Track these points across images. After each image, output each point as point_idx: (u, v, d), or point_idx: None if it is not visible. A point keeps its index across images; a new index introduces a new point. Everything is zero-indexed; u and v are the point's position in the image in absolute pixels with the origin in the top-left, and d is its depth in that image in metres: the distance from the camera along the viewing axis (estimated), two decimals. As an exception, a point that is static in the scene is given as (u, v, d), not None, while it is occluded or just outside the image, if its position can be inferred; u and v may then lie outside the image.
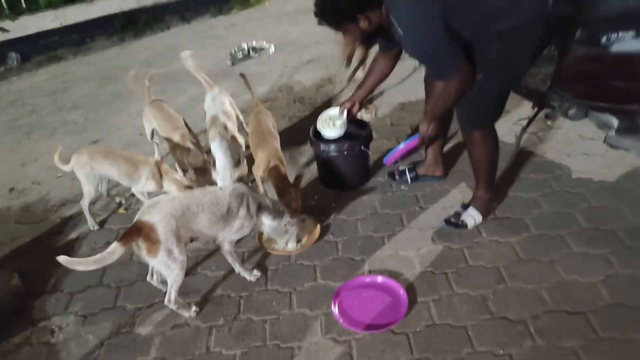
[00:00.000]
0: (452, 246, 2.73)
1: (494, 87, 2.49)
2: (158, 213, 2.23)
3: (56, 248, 3.09)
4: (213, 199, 2.42)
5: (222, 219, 2.43)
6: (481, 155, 2.75)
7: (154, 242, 2.20)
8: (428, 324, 2.32)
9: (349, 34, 2.45)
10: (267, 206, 2.59)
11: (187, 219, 2.31)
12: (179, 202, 2.32)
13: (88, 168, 3.07)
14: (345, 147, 3.07)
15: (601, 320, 2.22)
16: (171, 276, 2.32)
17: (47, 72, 6.27)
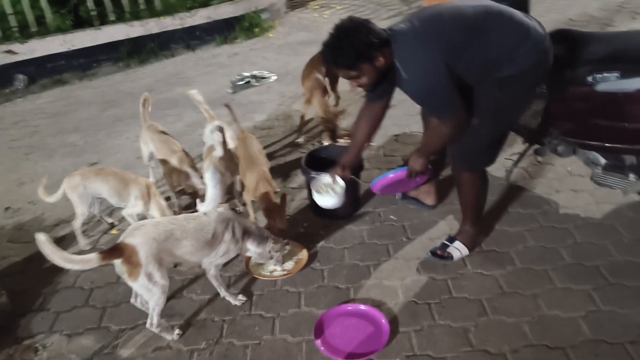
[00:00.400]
0: (437, 277, 2.75)
1: (489, 132, 2.54)
2: (141, 236, 2.27)
3: (46, 268, 3.10)
4: (198, 225, 2.45)
5: (207, 244, 2.45)
6: (469, 194, 2.80)
7: (135, 265, 2.22)
8: (408, 354, 2.32)
9: (364, 75, 2.32)
10: (252, 231, 2.63)
11: (171, 245, 2.34)
12: (163, 227, 2.35)
13: (81, 189, 3.13)
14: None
15: (580, 356, 2.23)
16: (152, 300, 2.34)
17: (52, 95, 6.39)
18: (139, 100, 3.75)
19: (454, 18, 2.33)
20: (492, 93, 2.39)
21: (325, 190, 2.90)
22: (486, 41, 2.30)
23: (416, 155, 2.63)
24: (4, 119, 5.70)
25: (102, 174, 3.16)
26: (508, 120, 2.58)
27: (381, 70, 2.32)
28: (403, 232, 3.13)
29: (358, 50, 2.22)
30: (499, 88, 2.36)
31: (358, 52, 2.22)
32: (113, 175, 3.17)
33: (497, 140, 2.65)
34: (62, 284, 2.96)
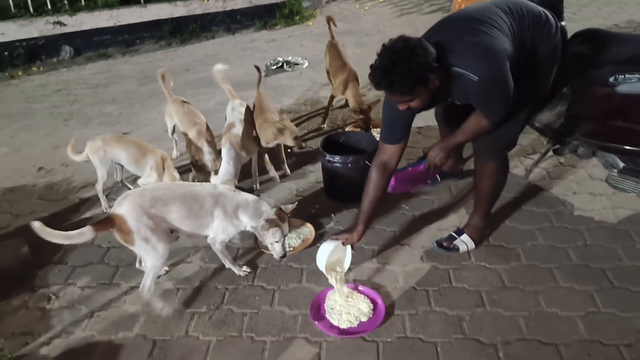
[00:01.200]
0: (439, 266, 2.77)
1: (524, 122, 2.59)
2: (127, 205, 2.35)
3: (70, 225, 3.29)
4: (188, 192, 2.50)
5: (195, 214, 2.49)
6: (489, 187, 2.79)
7: (127, 232, 2.33)
8: (400, 335, 2.36)
9: (418, 99, 2.20)
10: (247, 204, 2.60)
11: (159, 209, 2.40)
12: (149, 193, 2.43)
13: (102, 152, 3.29)
14: (350, 159, 3.17)
15: (572, 353, 2.22)
16: (149, 261, 2.43)
17: (95, 67, 6.64)
18: (171, 77, 3.90)
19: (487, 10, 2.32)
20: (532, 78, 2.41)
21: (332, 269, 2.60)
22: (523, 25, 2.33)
23: (438, 147, 2.59)
24: (48, 86, 5.97)
25: (122, 141, 3.32)
26: (527, 107, 2.55)
27: (434, 92, 2.22)
28: (413, 220, 3.15)
29: (416, 76, 2.07)
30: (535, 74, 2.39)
31: (416, 77, 2.08)
32: (133, 143, 3.32)
33: (523, 125, 2.67)
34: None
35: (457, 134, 2.51)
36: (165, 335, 2.43)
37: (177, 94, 5.41)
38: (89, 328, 2.49)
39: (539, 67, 2.42)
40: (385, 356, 2.26)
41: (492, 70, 2.17)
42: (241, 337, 2.40)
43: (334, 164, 3.21)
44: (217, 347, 2.35)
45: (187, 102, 3.80)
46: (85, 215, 3.39)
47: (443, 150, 2.58)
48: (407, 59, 2.05)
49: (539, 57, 2.39)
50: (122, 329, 2.47)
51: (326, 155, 3.22)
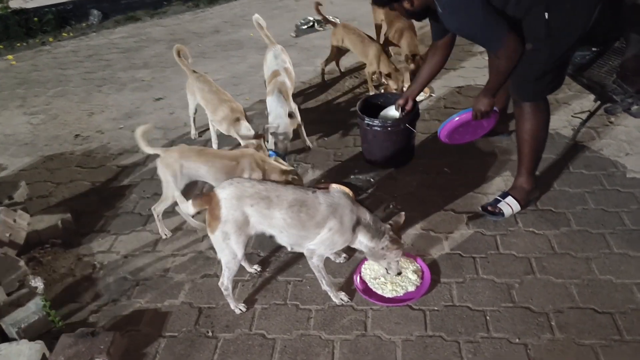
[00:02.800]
0: (485, 232, 2.69)
1: (546, 58, 2.43)
2: (229, 192, 2.14)
3: (109, 193, 3.30)
4: (300, 199, 2.16)
5: (303, 225, 2.17)
6: (529, 130, 2.65)
7: (215, 217, 2.13)
8: (447, 304, 2.32)
9: (398, 12, 2.56)
10: (366, 223, 2.23)
11: (259, 211, 2.14)
12: (257, 190, 2.15)
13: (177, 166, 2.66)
14: (390, 123, 3.07)
15: (628, 322, 2.14)
16: (223, 259, 2.24)
17: (124, 30, 6.58)
18: (204, 40, 3.83)
19: None
20: (540, 16, 2.29)
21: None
22: None
23: (480, 95, 2.58)
24: (79, 52, 5.95)
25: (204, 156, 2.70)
26: (564, 43, 2.40)
27: (412, 11, 2.47)
28: (456, 185, 3.05)
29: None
30: (547, 9, 2.27)
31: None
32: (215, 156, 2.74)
33: (558, 66, 2.51)
34: (123, 209, 3.13)
35: (489, 77, 2.63)
36: (211, 303, 2.43)
37: (207, 57, 5.41)
38: (135, 296, 2.51)
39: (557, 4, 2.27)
40: (432, 324, 2.22)
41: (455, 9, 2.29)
42: (286, 305, 2.39)
43: (373, 127, 3.11)
44: (263, 315, 2.35)
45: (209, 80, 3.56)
46: (124, 183, 3.39)
47: (484, 95, 2.57)
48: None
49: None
50: (168, 297, 2.49)
51: (365, 119, 3.12)
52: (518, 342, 2.11)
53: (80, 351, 2.09)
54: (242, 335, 2.26)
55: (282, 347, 2.19)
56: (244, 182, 2.19)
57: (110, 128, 4.13)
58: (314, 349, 2.17)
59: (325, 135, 3.70)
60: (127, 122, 4.18)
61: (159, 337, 2.29)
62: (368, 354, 2.13)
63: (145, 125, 2.68)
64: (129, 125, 4.13)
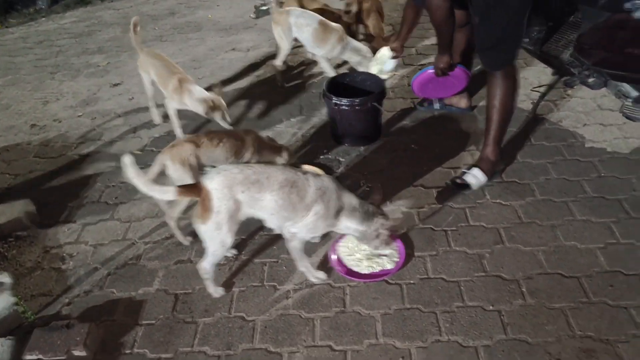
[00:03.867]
0: (454, 205, 2.75)
1: (491, 27, 2.56)
2: (219, 182, 2.07)
3: (72, 182, 3.20)
4: (290, 179, 2.13)
5: (293, 207, 2.14)
6: (498, 97, 2.72)
7: (206, 209, 2.06)
8: (422, 277, 2.37)
9: None
10: (352, 208, 2.23)
11: (251, 196, 2.10)
12: (246, 175, 2.09)
13: (193, 159, 2.52)
14: (357, 102, 3.08)
15: (594, 285, 2.24)
16: (211, 247, 2.19)
17: (75, 15, 6.32)
18: (156, 23, 3.70)
19: None
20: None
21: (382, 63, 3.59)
22: None
23: (438, 53, 2.89)
24: (29, 38, 5.68)
25: (215, 138, 2.61)
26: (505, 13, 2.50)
27: None
28: (424, 161, 3.10)
29: None
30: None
31: None
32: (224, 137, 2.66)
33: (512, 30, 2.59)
34: (88, 198, 3.04)
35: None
36: (187, 288, 2.41)
37: (164, 40, 5.27)
38: (108, 286, 2.46)
39: None
40: (410, 298, 2.27)
41: None
42: (263, 286, 2.39)
43: (341, 106, 3.11)
44: (241, 297, 2.35)
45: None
46: (87, 172, 3.28)
47: (438, 52, 2.91)
48: None
49: None
50: (142, 284, 2.45)
51: (332, 98, 3.11)
52: (492, 309, 2.19)
53: (56, 344, 2.04)
54: (222, 318, 2.25)
55: (263, 327, 2.20)
56: (231, 168, 2.13)
57: (67, 116, 3.98)
58: (295, 327, 2.19)
59: (291, 116, 3.68)
60: (85, 109, 4.04)
61: (135, 326, 2.25)
62: (349, 329, 2.16)
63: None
64: (88, 112, 4.00)
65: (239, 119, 3.71)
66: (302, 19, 3.75)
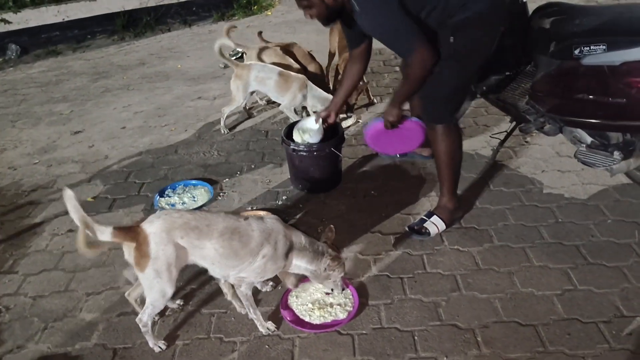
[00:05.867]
0: (412, 252, 2.69)
1: (451, 79, 2.50)
2: (158, 226, 1.97)
3: (19, 232, 3.07)
4: (231, 227, 2.04)
5: (236, 255, 2.05)
6: (444, 152, 2.70)
7: (143, 254, 1.95)
8: (375, 326, 2.27)
9: (314, 7, 2.40)
10: (301, 246, 2.17)
11: (190, 242, 2.00)
12: (185, 220, 2.00)
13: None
14: (315, 147, 3.05)
15: (551, 333, 2.17)
16: (149, 298, 2.06)
17: (44, 65, 6.32)
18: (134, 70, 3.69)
19: None
20: (447, 39, 2.36)
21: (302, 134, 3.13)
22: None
23: (390, 105, 2.64)
24: (-7, 87, 5.65)
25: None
26: (467, 66, 2.49)
27: (333, 7, 2.39)
28: (383, 207, 3.06)
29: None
30: (452, 33, 2.34)
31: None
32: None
33: (460, 88, 2.61)
34: (33, 247, 2.91)
35: (398, 86, 2.66)
36: (127, 343, 2.27)
37: (131, 89, 5.27)
38: (43, 340, 2.30)
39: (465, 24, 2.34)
40: (361, 349, 2.16)
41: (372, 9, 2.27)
42: (209, 338, 2.26)
43: (299, 152, 3.08)
44: (184, 351, 2.21)
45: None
46: (36, 220, 3.16)
47: (391, 105, 2.62)
48: None
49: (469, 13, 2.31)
50: (80, 339, 2.30)
51: (290, 144, 3.09)
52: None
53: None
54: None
55: (204, 384, 2.06)
56: (171, 213, 2.03)
57: (23, 164, 3.88)
58: (239, 383, 2.06)
59: (252, 163, 3.63)
60: (42, 157, 3.96)
61: (68, 384, 2.10)
62: (295, 385, 2.04)
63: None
64: (44, 160, 3.91)
65: (205, 165, 3.66)
66: (263, 72, 3.85)
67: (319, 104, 3.85)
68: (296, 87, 3.80)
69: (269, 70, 3.85)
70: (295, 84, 3.80)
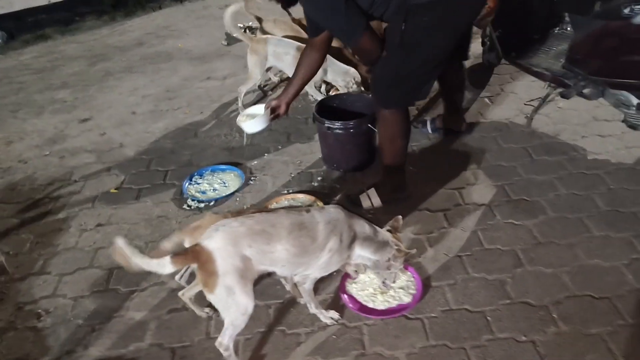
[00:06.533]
0: (466, 229, 2.59)
1: (397, 67, 2.37)
2: (220, 240, 1.80)
3: (44, 228, 2.90)
4: (297, 223, 1.90)
5: (306, 251, 1.91)
6: (384, 136, 2.65)
7: (211, 274, 1.77)
8: (444, 308, 2.17)
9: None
10: (366, 236, 2.04)
11: (260, 249, 1.84)
12: (248, 227, 1.84)
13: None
14: (352, 124, 2.91)
15: (628, 305, 2.09)
16: (228, 317, 1.86)
17: (35, 50, 6.01)
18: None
19: None
20: (398, 25, 2.24)
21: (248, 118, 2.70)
22: None
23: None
24: (-16, 76, 5.36)
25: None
26: (417, 56, 2.34)
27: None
28: (425, 183, 2.93)
29: None
30: (405, 20, 2.21)
31: None
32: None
33: (415, 78, 2.45)
34: (62, 245, 2.75)
35: None
36: (185, 341, 2.14)
37: (135, 71, 5.03)
38: (93, 344, 2.17)
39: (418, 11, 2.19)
40: (434, 333, 2.07)
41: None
42: (271, 331, 2.15)
43: (334, 130, 2.93)
44: (247, 346, 2.10)
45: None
46: (59, 217, 2.98)
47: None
48: None
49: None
50: (132, 340, 2.17)
51: (325, 122, 2.94)
52: (525, 339, 2.00)
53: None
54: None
55: (276, 380, 1.96)
56: (229, 222, 1.85)
57: (33, 156, 3.67)
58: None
59: (279, 144, 3.48)
60: (52, 148, 3.75)
61: (129, 389, 1.98)
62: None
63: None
64: (55, 151, 3.70)
65: (229, 148, 3.50)
66: (280, 47, 3.66)
67: (339, 78, 3.69)
68: None
69: (286, 45, 3.66)
70: None
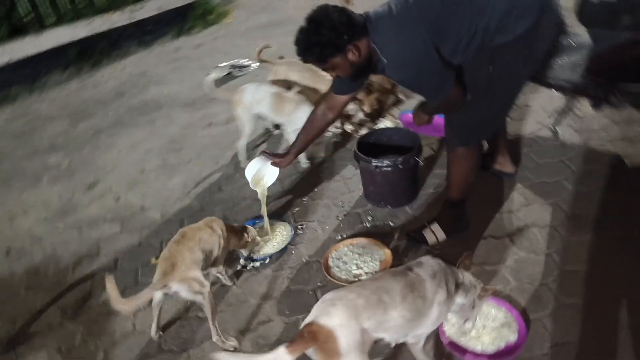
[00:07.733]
0: (538, 253, 2.55)
1: (485, 109, 2.36)
2: (340, 316, 1.65)
3: (90, 315, 2.66)
4: (408, 285, 1.80)
5: (419, 313, 1.81)
6: (458, 173, 2.61)
7: (332, 354, 1.62)
8: (552, 344, 2.11)
9: (338, 69, 2.19)
10: (461, 281, 1.96)
11: (377, 320, 1.71)
12: (365, 298, 1.71)
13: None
14: (400, 160, 2.85)
15: None
16: None
17: (5, 113, 5.63)
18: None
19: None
20: (484, 68, 2.20)
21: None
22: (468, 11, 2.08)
23: (419, 110, 2.53)
24: (-42, 148, 4.96)
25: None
26: (505, 94, 2.35)
27: (358, 63, 2.16)
28: (476, 208, 2.83)
29: (323, 46, 2.07)
30: (490, 62, 2.17)
31: (323, 47, 2.07)
32: None
33: (495, 115, 2.49)
34: (119, 331, 2.52)
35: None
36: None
37: (127, 125, 4.77)
38: None
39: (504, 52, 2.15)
40: (556, 371, 2.01)
41: (401, 60, 2.10)
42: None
43: (383, 168, 2.86)
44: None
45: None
46: (103, 298, 2.74)
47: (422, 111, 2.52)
48: (317, 29, 2.05)
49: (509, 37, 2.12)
50: None
51: (372, 161, 2.86)
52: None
53: None
54: None
55: None
56: (345, 295, 1.73)
57: (46, 231, 3.40)
58: None
59: (311, 186, 3.37)
60: (65, 221, 3.48)
61: None
62: None
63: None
64: (70, 223, 3.44)
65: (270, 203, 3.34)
66: (257, 93, 3.51)
67: None
68: (290, 108, 3.45)
69: (263, 91, 3.53)
70: (289, 105, 3.45)
